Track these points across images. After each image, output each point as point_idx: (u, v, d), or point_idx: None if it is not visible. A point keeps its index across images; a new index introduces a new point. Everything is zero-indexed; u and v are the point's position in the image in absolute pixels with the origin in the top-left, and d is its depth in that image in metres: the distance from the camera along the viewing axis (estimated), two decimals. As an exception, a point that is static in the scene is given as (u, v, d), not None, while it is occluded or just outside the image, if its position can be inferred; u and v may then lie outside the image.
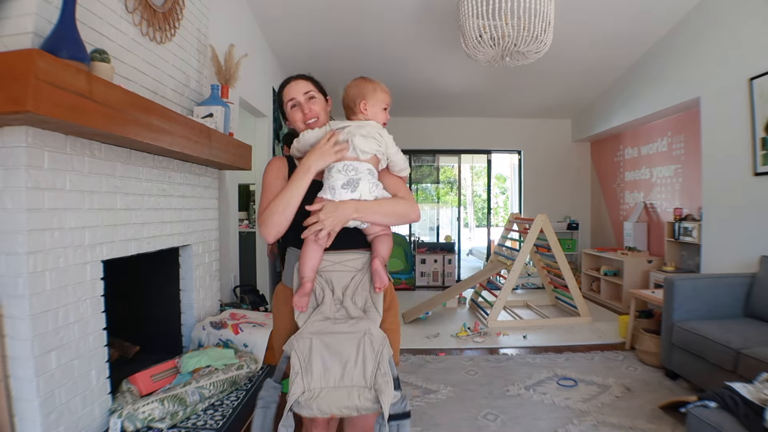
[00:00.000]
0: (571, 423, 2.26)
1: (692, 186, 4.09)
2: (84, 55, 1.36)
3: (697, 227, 3.78)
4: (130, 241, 1.81)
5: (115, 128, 1.42)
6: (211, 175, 2.56)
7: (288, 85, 1.43)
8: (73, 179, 1.49)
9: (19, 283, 1.31)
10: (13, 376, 1.33)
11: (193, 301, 2.33)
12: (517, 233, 4.92)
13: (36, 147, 1.34)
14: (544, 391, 2.66)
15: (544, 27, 2.74)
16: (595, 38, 3.97)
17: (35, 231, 1.34)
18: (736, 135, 3.16)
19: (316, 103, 1.41)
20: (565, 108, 5.84)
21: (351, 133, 1.29)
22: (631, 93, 4.60)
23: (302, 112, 1.39)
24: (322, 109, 1.42)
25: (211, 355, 1.96)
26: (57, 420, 1.41)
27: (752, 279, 2.77)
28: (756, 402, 1.58)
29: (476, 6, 2.73)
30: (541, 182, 6.25)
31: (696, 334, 2.50)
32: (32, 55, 1.12)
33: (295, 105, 1.40)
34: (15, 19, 1.32)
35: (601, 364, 3.09)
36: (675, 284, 2.75)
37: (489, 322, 4.10)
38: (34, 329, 1.33)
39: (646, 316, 3.40)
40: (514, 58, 3.00)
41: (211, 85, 2.38)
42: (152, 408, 1.61)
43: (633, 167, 5.14)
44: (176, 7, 2.11)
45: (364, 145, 1.29)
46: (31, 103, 1.11)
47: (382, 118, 1.37)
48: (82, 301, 1.54)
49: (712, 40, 3.37)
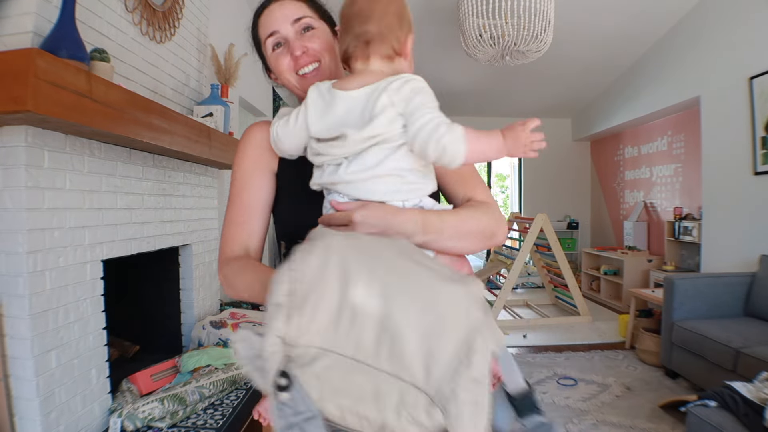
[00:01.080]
0: (571, 422, 2.26)
1: (692, 185, 4.09)
2: (84, 55, 1.36)
3: (697, 226, 3.77)
4: (130, 241, 1.81)
5: (114, 127, 1.42)
6: (211, 175, 2.56)
7: (265, 12, 0.84)
8: (72, 179, 1.49)
9: (19, 282, 1.31)
10: (13, 376, 1.33)
11: (193, 300, 2.33)
12: (517, 232, 4.92)
13: (36, 146, 1.34)
14: (544, 390, 2.66)
15: (544, 26, 2.74)
16: (595, 38, 3.97)
17: (35, 230, 1.34)
18: (736, 134, 3.15)
19: (316, 36, 0.82)
20: (565, 107, 5.84)
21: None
22: (631, 92, 4.60)
23: (291, 54, 0.81)
24: (326, 48, 0.83)
25: (211, 355, 1.96)
26: (57, 419, 1.41)
27: (752, 278, 2.77)
28: (756, 401, 1.58)
29: (476, 5, 2.73)
30: (541, 181, 6.25)
31: (696, 334, 2.50)
32: (32, 55, 1.12)
33: (279, 43, 0.82)
34: (15, 18, 1.32)
35: (601, 364, 3.09)
36: (675, 283, 2.75)
37: (489, 322, 4.10)
38: (34, 328, 1.33)
39: (646, 316, 3.41)
40: (514, 58, 3.00)
41: (211, 84, 2.38)
42: (152, 407, 1.61)
43: (633, 166, 5.14)
44: (176, 6, 2.10)
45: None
46: (31, 103, 1.11)
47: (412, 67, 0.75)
48: (82, 301, 1.54)
49: (711, 39, 3.37)
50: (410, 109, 0.62)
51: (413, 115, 0.62)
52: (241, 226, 0.82)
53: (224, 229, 0.84)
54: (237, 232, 0.82)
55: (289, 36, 0.81)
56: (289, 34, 0.81)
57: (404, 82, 0.64)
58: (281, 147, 0.76)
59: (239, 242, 0.82)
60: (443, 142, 0.60)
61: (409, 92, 0.63)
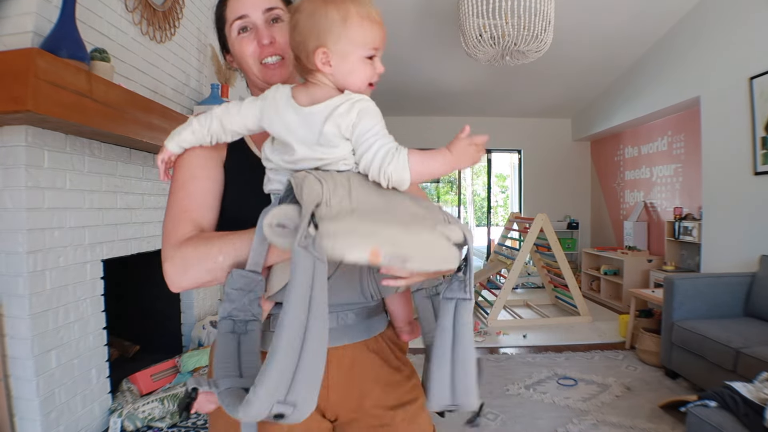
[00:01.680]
0: (571, 422, 2.26)
1: (692, 185, 4.09)
2: (84, 55, 1.36)
3: (697, 226, 3.77)
4: (130, 241, 1.81)
5: (115, 127, 1.42)
6: (211, 175, 2.56)
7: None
8: (73, 178, 1.49)
9: (19, 282, 1.31)
10: (13, 376, 1.33)
11: (193, 300, 2.33)
12: (517, 232, 4.92)
13: (36, 146, 1.34)
14: (544, 390, 2.66)
15: (544, 26, 2.74)
16: (595, 38, 3.97)
17: (35, 230, 1.34)
18: (736, 134, 3.15)
19: (284, 30, 0.78)
20: (565, 107, 5.84)
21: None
22: (631, 92, 4.60)
23: (257, 41, 0.80)
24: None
25: (211, 355, 1.96)
26: (57, 419, 1.41)
27: (752, 278, 2.77)
28: (756, 401, 1.58)
29: (476, 5, 2.73)
30: (541, 181, 6.25)
31: (696, 334, 2.50)
32: (32, 55, 1.12)
33: (246, 28, 0.80)
34: (15, 18, 1.32)
35: (601, 364, 3.09)
36: (675, 283, 2.75)
37: (489, 322, 4.10)
38: (34, 328, 1.33)
39: (646, 316, 3.40)
40: (514, 58, 3.00)
41: (211, 84, 2.38)
42: (152, 407, 1.61)
43: (633, 166, 5.14)
44: (176, 6, 2.10)
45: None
46: (31, 102, 1.11)
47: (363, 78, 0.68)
48: (82, 301, 1.54)
49: (711, 39, 3.37)
50: (356, 137, 0.63)
51: (361, 145, 0.63)
52: (190, 213, 0.72)
53: (166, 222, 0.72)
54: (185, 218, 0.72)
55: (258, 23, 0.80)
56: (259, 21, 0.80)
57: (351, 105, 0.63)
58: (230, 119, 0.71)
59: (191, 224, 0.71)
60: (388, 171, 0.62)
61: (356, 117, 0.63)
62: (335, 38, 0.64)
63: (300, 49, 0.66)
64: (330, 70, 0.66)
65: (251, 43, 0.80)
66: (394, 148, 0.62)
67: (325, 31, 0.64)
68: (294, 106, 0.66)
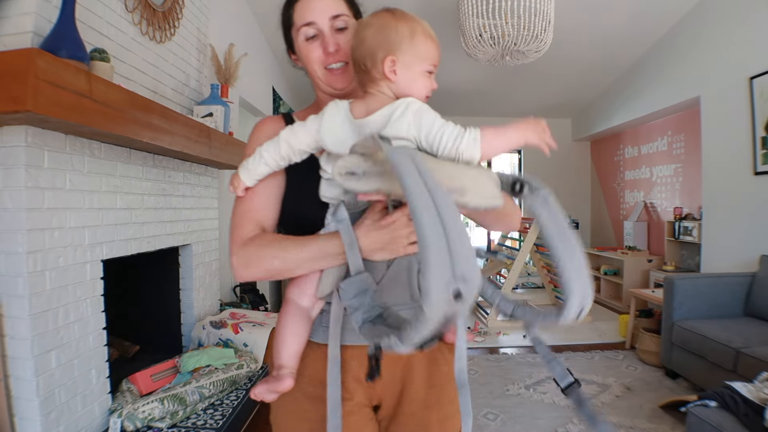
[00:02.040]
0: (571, 422, 2.26)
1: (692, 185, 4.09)
2: (84, 55, 1.36)
3: (697, 226, 3.77)
4: (130, 241, 1.81)
5: (114, 127, 1.42)
6: (211, 175, 2.56)
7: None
8: (72, 178, 1.49)
9: (19, 282, 1.31)
10: (12, 376, 1.33)
11: (193, 300, 2.33)
12: (517, 232, 4.92)
13: (35, 146, 1.34)
14: (544, 390, 2.66)
15: (544, 26, 2.73)
16: (595, 38, 3.97)
17: (35, 230, 1.34)
18: (736, 134, 3.15)
19: (348, 37, 0.83)
20: (565, 107, 5.84)
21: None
22: (631, 92, 4.60)
23: (323, 48, 0.83)
24: None
25: (211, 355, 1.96)
26: (57, 419, 1.41)
27: (752, 278, 2.77)
28: (756, 401, 1.58)
29: (476, 5, 2.73)
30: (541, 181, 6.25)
31: (696, 334, 2.50)
32: (32, 55, 1.12)
33: (315, 35, 0.83)
34: (15, 18, 1.32)
35: (601, 364, 3.09)
36: (675, 283, 2.75)
37: (489, 322, 4.10)
38: (34, 329, 1.33)
39: (646, 316, 3.41)
40: (514, 58, 3.00)
41: (211, 84, 2.38)
42: (152, 407, 1.61)
43: (633, 166, 5.14)
44: (176, 6, 2.10)
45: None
46: (31, 103, 1.11)
47: (423, 89, 0.74)
48: (82, 301, 1.54)
49: (711, 39, 3.37)
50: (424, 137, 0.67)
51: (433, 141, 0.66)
52: (254, 213, 0.81)
53: (234, 218, 0.81)
54: (250, 217, 0.80)
55: (325, 30, 0.83)
56: (325, 28, 0.83)
57: (404, 108, 0.68)
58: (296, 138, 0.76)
59: (254, 223, 0.80)
60: (461, 149, 0.65)
61: (411, 117, 0.67)
62: (403, 50, 0.71)
63: (367, 58, 0.72)
64: (395, 78, 0.71)
65: (317, 50, 0.84)
66: (462, 130, 0.66)
67: (395, 43, 0.71)
68: (351, 120, 0.71)
